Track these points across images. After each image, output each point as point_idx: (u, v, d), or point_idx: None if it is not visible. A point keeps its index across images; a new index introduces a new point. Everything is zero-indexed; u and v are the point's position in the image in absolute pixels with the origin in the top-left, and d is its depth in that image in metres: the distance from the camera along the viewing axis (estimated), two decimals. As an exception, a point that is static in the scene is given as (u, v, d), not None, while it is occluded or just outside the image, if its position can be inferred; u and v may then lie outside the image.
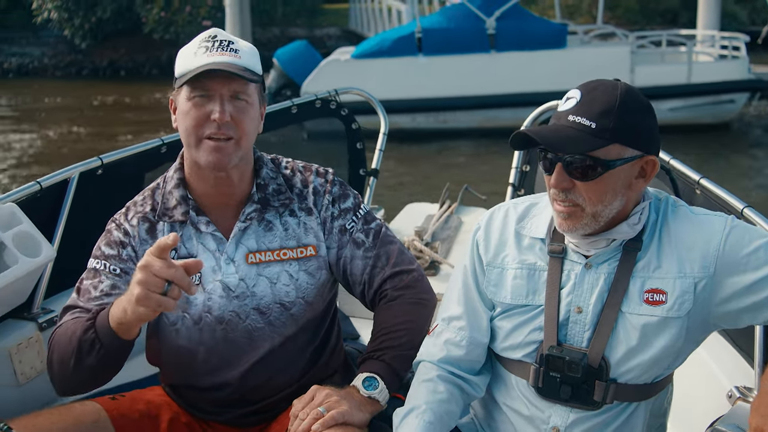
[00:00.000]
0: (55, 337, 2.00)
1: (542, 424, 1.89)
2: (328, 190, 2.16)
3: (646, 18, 24.98)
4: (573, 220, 1.80)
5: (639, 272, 1.81)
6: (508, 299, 1.92)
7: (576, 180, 1.76)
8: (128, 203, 2.16)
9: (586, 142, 1.72)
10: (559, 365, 1.83)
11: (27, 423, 1.92)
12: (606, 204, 1.77)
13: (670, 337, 1.79)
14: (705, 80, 13.95)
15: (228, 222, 2.09)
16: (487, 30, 13.73)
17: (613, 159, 1.74)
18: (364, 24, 22.62)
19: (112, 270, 2.06)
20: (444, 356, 1.97)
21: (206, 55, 1.97)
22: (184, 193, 2.08)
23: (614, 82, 1.80)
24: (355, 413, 1.87)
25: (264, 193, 2.11)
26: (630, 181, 1.78)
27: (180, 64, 2.01)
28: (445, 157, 12.85)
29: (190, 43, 2.03)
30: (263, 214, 2.09)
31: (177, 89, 2.01)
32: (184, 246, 2.07)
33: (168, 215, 2.08)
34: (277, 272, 2.07)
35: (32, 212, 2.48)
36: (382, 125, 3.87)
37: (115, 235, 2.09)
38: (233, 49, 1.99)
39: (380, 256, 2.16)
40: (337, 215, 2.15)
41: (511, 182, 3.35)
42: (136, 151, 2.94)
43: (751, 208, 2.21)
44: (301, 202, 2.14)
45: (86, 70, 22.65)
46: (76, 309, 2.04)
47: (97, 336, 1.88)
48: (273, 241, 2.09)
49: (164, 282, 1.71)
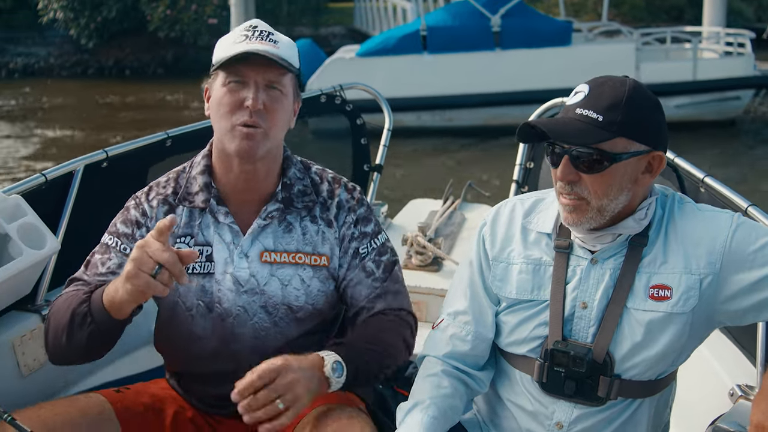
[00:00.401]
0: (53, 306, 2.01)
1: (546, 419, 1.90)
2: (353, 208, 2.14)
3: (652, 15, 24.90)
4: (578, 213, 1.80)
5: (645, 268, 1.82)
6: (514, 294, 1.92)
7: (582, 173, 1.76)
8: (151, 183, 2.16)
9: (592, 134, 1.72)
10: (563, 360, 1.83)
11: (31, 415, 1.91)
12: (611, 198, 1.77)
13: (674, 333, 1.79)
14: (710, 77, 13.89)
15: (247, 216, 2.09)
16: (492, 27, 13.67)
17: (619, 152, 1.74)
18: (369, 22, 22.58)
19: (122, 249, 2.07)
20: (449, 351, 1.98)
21: (245, 43, 1.98)
22: (207, 180, 2.08)
23: (623, 78, 1.80)
24: (307, 400, 1.82)
25: (288, 193, 2.10)
26: (636, 176, 1.78)
27: (218, 51, 2.02)
28: (451, 155, 12.84)
29: (231, 32, 2.05)
30: (285, 215, 2.09)
31: (213, 76, 2.03)
32: (202, 233, 2.07)
33: (189, 200, 2.09)
34: (290, 275, 2.07)
35: (37, 204, 2.49)
36: (386, 121, 3.88)
37: (132, 213, 2.10)
38: (272, 40, 2.01)
39: (389, 292, 2.14)
40: (357, 236, 2.13)
41: (514, 179, 3.35)
42: (140, 144, 2.95)
43: (755, 207, 2.21)
44: (323, 212, 2.12)
45: (92, 69, 22.65)
46: (80, 282, 2.05)
47: (90, 310, 1.88)
48: (290, 244, 2.08)
49: (155, 264, 1.71)
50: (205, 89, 2.09)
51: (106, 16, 22.07)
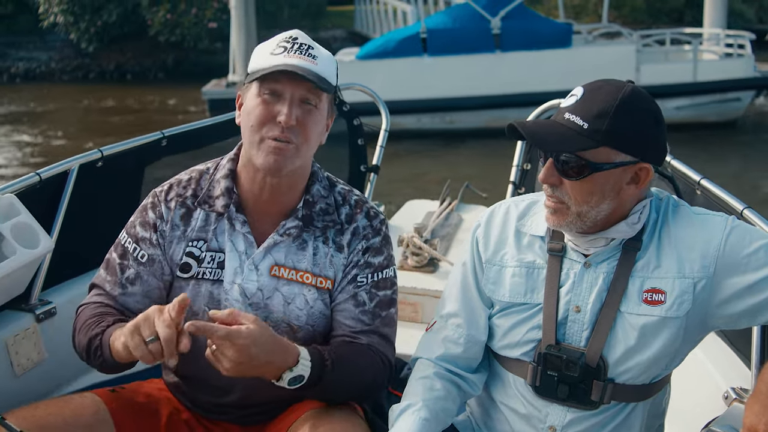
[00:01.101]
0: (79, 316, 2.04)
1: (539, 423, 1.88)
2: (367, 236, 2.08)
3: (653, 17, 24.89)
4: (558, 216, 1.80)
5: (638, 272, 1.80)
6: (507, 297, 1.91)
7: (564, 177, 1.76)
8: (172, 180, 2.13)
9: (573, 141, 1.71)
10: (556, 364, 1.82)
11: (26, 415, 1.91)
12: (592, 205, 1.76)
13: (668, 337, 1.78)
14: (710, 78, 13.90)
15: (264, 228, 2.05)
16: (492, 30, 13.69)
17: (601, 162, 1.72)
18: (369, 25, 22.60)
19: (140, 257, 2.05)
20: (442, 353, 1.97)
21: (284, 55, 1.94)
22: (230, 185, 2.05)
23: (622, 83, 1.77)
24: (235, 373, 1.79)
25: (310, 211, 2.05)
26: (620, 186, 1.76)
27: (255, 60, 1.99)
28: (451, 157, 12.83)
29: (270, 40, 2.01)
30: (302, 233, 2.05)
31: (247, 84, 2.00)
32: (216, 239, 2.04)
33: (209, 204, 2.06)
34: (295, 293, 2.03)
35: (31, 204, 2.48)
36: (383, 122, 3.86)
37: (150, 216, 2.08)
38: (312, 55, 1.96)
39: (377, 333, 2.04)
40: (361, 264, 2.07)
41: (511, 180, 3.34)
42: (136, 144, 2.92)
43: (751, 209, 2.19)
44: (337, 236, 2.07)
45: (93, 73, 22.69)
46: (102, 291, 2.07)
47: (101, 346, 1.91)
48: (301, 262, 2.04)
49: (155, 332, 1.72)
50: (237, 96, 2.05)
51: (106, 21, 22.11)
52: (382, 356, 2.03)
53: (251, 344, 1.74)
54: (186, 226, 2.06)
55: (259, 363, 1.77)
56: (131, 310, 2.04)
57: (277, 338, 1.83)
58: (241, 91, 2.03)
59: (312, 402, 2.03)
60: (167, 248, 2.06)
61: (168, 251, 2.06)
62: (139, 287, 2.05)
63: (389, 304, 2.08)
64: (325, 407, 1.98)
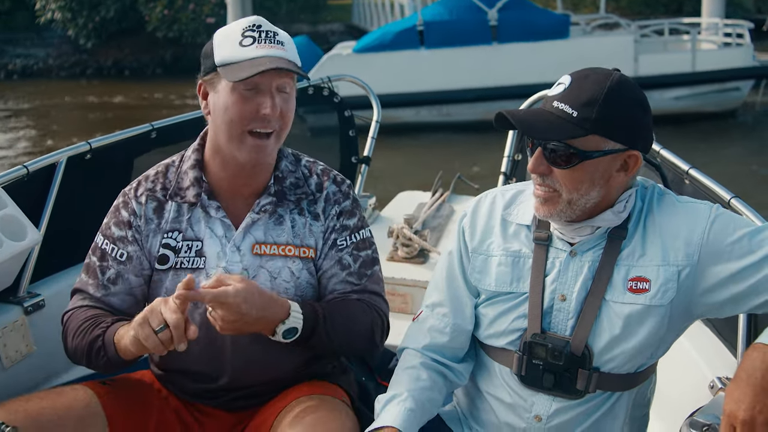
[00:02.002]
0: (70, 322, 2.05)
1: (525, 412, 1.88)
2: (339, 201, 2.14)
3: (650, 7, 24.83)
4: (549, 205, 1.79)
5: (623, 260, 1.80)
6: (493, 286, 1.91)
7: (553, 166, 1.75)
8: (140, 177, 2.15)
9: (563, 129, 1.70)
10: (541, 353, 1.82)
11: (18, 407, 1.91)
12: (582, 193, 1.75)
13: (653, 326, 1.77)
14: (709, 68, 13.85)
15: (239, 210, 2.08)
16: (489, 21, 13.64)
17: (591, 150, 1.72)
18: (367, 19, 22.56)
19: (119, 256, 2.08)
20: (428, 343, 1.97)
21: (255, 47, 1.93)
22: (198, 175, 2.07)
23: (609, 71, 1.76)
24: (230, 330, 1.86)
25: (281, 186, 2.09)
26: (610, 174, 1.76)
27: (223, 50, 1.96)
28: (447, 149, 12.80)
29: (230, 28, 1.99)
30: (276, 208, 2.08)
31: (212, 74, 1.97)
32: (191, 228, 2.07)
33: (180, 195, 2.07)
34: (279, 267, 2.06)
35: (18, 196, 2.48)
36: (374, 113, 3.86)
37: (123, 215, 2.10)
38: (280, 41, 1.97)
39: (366, 292, 2.12)
40: (338, 228, 2.12)
41: (502, 171, 3.34)
42: (125, 136, 2.92)
43: (738, 199, 2.19)
44: (311, 206, 2.12)
45: (90, 69, 22.67)
46: (86, 295, 2.09)
47: (104, 347, 1.94)
48: (280, 236, 2.07)
49: (162, 321, 1.76)
50: (199, 85, 2.04)
51: (104, 16, 22.09)
52: (375, 308, 2.10)
53: (241, 302, 1.80)
54: (159, 218, 2.08)
55: (251, 319, 1.83)
56: (117, 309, 2.08)
57: (265, 293, 1.88)
58: (206, 82, 2.01)
59: (300, 390, 2.06)
60: (144, 243, 2.08)
61: (145, 245, 2.08)
62: (121, 286, 2.08)
63: (372, 263, 2.16)
64: (313, 397, 2.00)
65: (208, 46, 2.01)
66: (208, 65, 1.98)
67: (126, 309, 2.09)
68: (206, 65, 1.99)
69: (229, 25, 2.02)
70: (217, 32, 2.02)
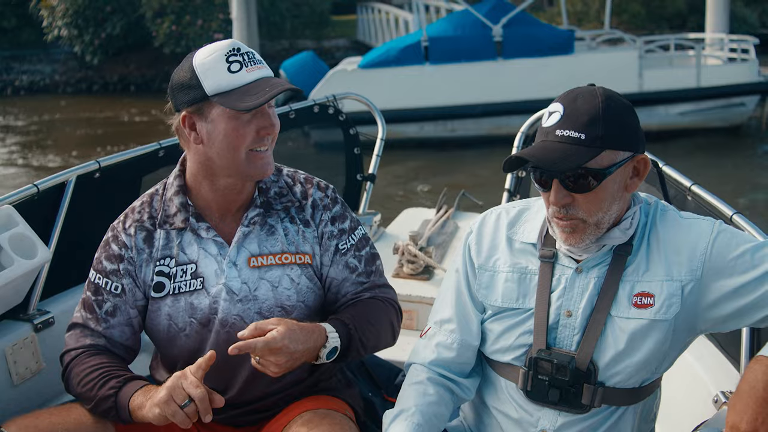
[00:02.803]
0: (72, 369, 2.07)
1: (531, 427, 1.89)
2: (328, 206, 2.17)
3: (655, 22, 24.88)
4: (577, 234, 1.79)
5: (628, 276, 1.82)
6: (499, 302, 1.92)
7: (576, 194, 1.76)
8: (127, 210, 2.18)
9: (578, 155, 1.71)
10: (547, 368, 1.83)
11: (28, 423, 1.93)
12: (606, 210, 1.78)
13: (657, 340, 1.79)
14: (714, 84, 13.84)
15: (229, 227, 2.11)
16: (493, 37, 13.69)
17: (607, 166, 1.74)
18: (371, 34, 22.65)
19: (114, 289, 2.10)
20: (434, 359, 1.98)
21: (246, 71, 1.95)
22: (183, 200, 2.10)
23: (591, 88, 1.79)
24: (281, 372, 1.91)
25: (266, 197, 2.13)
26: (626, 183, 1.79)
27: (213, 80, 1.93)
28: (452, 165, 12.84)
29: (209, 57, 1.95)
30: (266, 218, 2.11)
31: (201, 105, 1.96)
32: (183, 252, 2.09)
33: (168, 222, 2.10)
34: (279, 276, 2.09)
35: (29, 215, 2.50)
36: (379, 131, 3.88)
37: (113, 248, 2.12)
38: (259, 60, 2.00)
39: (376, 286, 2.21)
40: (336, 234, 2.17)
41: (506, 188, 3.35)
42: (133, 154, 2.95)
43: (740, 215, 2.21)
44: (299, 213, 2.15)
45: (97, 86, 22.79)
46: (86, 329, 2.11)
47: (116, 409, 1.97)
48: (275, 246, 2.10)
49: (187, 396, 1.83)
50: (183, 118, 2.00)
51: (110, 33, 22.20)
52: (389, 301, 2.20)
53: (288, 343, 1.86)
54: (150, 248, 2.11)
55: (299, 355, 1.90)
56: (117, 341, 2.12)
57: (304, 327, 1.93)
58: (192, 113, 1.98)
59: (304, 404, 2.08)
60: (138, 273, 2.11)
61: (139, 275, 2.11)
62: (119, 318, 2.12)
63: (374, 258, 2.24)
64: (317, 412, 2.02)
65: (184, 76, 1.97)
66: (195, 96, 1.95)
67: (125, 341, 2.13)
68: (191, 96, 1.96)
69: (200, 54, 1.98)
70: (194, 63, 1.96)
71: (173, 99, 2.02)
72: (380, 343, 2.14)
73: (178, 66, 2.04)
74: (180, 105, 2.00)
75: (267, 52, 21.41)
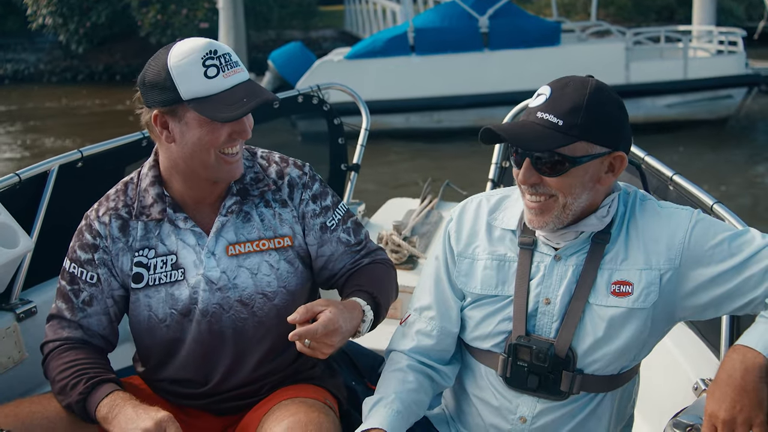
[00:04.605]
0: (49, 362, 2.07)
1: (510, 414, 1.91)
2: (307, 185, 2.17)
3: (642, 14, 24.93)
4: (544, 215, 1.81)
5: (606, 264, 1.83)
6: (478, 289, 1.93)
7: (543, 175, 1.77)
8: (101, 199, 2.17)
9: (552, 139, 1.73)
10: (526, 355, 1.84)
11: (8, 412, 1.93)
12: (575, 196, 1.78)
13: (635, 328, 1.80)
14: (701, 76, 13.86)
15: (206, 216, 2.10)
16: (480, 28, 13.68)
17: (580, 156, 1.75)
18: (359, 25, 22.57)
19: (89, 279, 2.09)
20: (414, 346, 1.99)
21: (222, 76, 1.92)
22: (160, 191, 2.08)
23: (585, 78, 1.80)
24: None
25: (242, 184, 2.12)
26: (599, 176, 1.79)
27: (188, 85, 1.90)
28: (437, 156, 12.82)
29: (185, 59, 1.91)
30: (242, 206, 2.11)
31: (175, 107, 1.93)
32: (163, 243, 2.08)
33: (145, 214, 2.09)
34: (257, 263, 2.09)
35: (11, 204, 2.49)
36: (363, 120, 3.87)
37: (87, 237, 2.11)
38: (235, 62, 1.96)
39: (371, 251, 2.25)
40: (319, 213, 2.16)
41: (490, 178, 3.37)
42: (116, 144, 2.94)
43: (720, 204, 2.23)
44: (275, 193, 2.14)
45: (82, 75, 22.62)
46: (63, 320, 2.11)
47: (85, 408, 1.96)
48: (251, 233, 2.10)
49: None
50: (154, 116, 1.96)
51: (95, 21, 22.02)
52: (386, 262, 2.26)
53: (341, 323, 1.89)
54: (127, 237, 2.09)
55: (348, 333, 1.93)
56: (94, 330, 2.11)
57: (346, 305, 1.96)
58: (165, 112, 1.95)
59: (285, 393, 2.09)
60: (114, 262, 2.10)
61: (116, 264, 2.10)
62: (96, 307, 2.11)
63: (360, 226, 2.28)
64: (295, 399, 2.03)
65: (158, 76, 1.93)
66: (169, 98, 1.92)
67: (102, 331, 2.12)
68: (165, 97, 1.92)
69: (176, 55, 1.93)
70: (169, 64, 1.92)
71: (144, 95, 1.98)
72: (390, 300, 2.17)
73: (151, 60, 1.98)
74: (152, 103, 1.96)
75: (253, 42, 21.30)
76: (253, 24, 22.19)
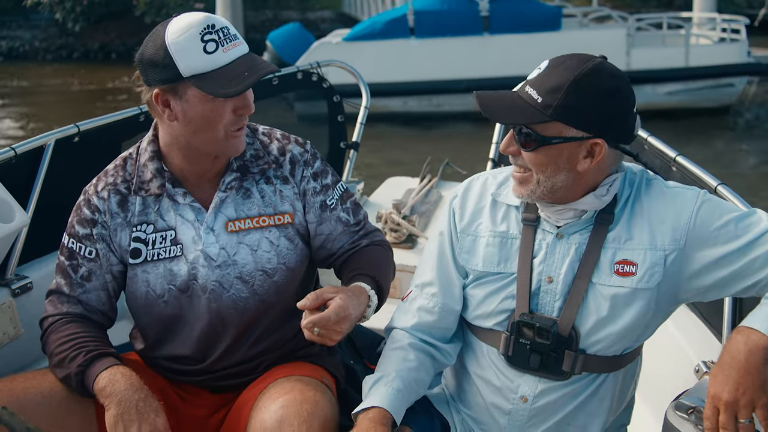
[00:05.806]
0: (48, 336, 2.05)
1: (511, 393, 1.89)
2: (309, 162, 2.15)
3: (642, 1, 24.85)
4: (523, 186, 1.81)
5: (610, 243, 1.81)
6: (480, 266, 1.91)
7: (520, 148, 1.78)
8: (100, 174, 2.14)
9: (525, 114, 1.72)
10: (529, 332, 1.83)
11: (2, 387, 1.91)
12: (548, 175, 1.76)
13: (639, 309, 1.79)
14: (703, 63, 13.75)
15: (205, 192, 2.08)
16: (480, 12, 13.58)
17: (551, 136, 1.73)
18: (357, 7, 22.46)
19: (88, 254, 2.07)
20: (416, 323, 1.98)
21: (222, 51, 1.88)
22: (159, 166, 2.06)
23: (589, 58, 1.75)
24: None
25: (242, 161, 2.09)
26: (576, 160, 1.76)
27: (188, 61, 1.86)
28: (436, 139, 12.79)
29: (183, 35, 1.87)
30: (242, 182, 2.08)
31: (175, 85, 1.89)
32: (162, 218, 2.06)
33: (144, 189, 2.06)
34: (257, 239, 2.07)
35: (6, 178, 2.46)
36: (363, 98, 3.84)
37: (85, 212, 2.08)
38: (234, 35, 1.93)
39: (369, 232, 2.25)
40: (319, 190, 2.15)
41: (491, 157, 3.35)
42: (113, 119, 2.91)
43: (724, 185, 2.21)
44: (277, 170, 2.12)
45: (77, 53, 22.53)
46: (62, 296, 2.09)
47: (83, 387, 1.94)
48: (251, 209, 2.08)
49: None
50: (155, 95, 1.93)
51: (91, 0, 21.88)
52: (384, 244, 2.26)
53: (351, 310, 1.89)
54: (125, 212, 2.07)
55: (355, 319, 1.93)
56: (93, 306, 2.10)
57: (353, 290, 1.97)
58: (166, 90, 1.91)
59: (281, 371, 2.07)
60: (113, 237, 2.08)
61: (114, 240, 2.08)
62: (95, 282, 2.09)
63: (358, 206, 2.27)
64: (290, 377, 2.01)
65: (156, 54, 1.88)
66: (170, 75, 1.88)
67: (101, 306, 2.11)
68: (165, 75, 1.89)
69: (173, 31, 1.88)
70: (167, 41, 1.88)
71: (144, 73, 1.94)
72: (389, 281, 2.18)
73: (149, 38, 1.94)
74: (152, 81, 1.93)
75: (250, 23, 21.20)
76: (250, 4, 22.09)
